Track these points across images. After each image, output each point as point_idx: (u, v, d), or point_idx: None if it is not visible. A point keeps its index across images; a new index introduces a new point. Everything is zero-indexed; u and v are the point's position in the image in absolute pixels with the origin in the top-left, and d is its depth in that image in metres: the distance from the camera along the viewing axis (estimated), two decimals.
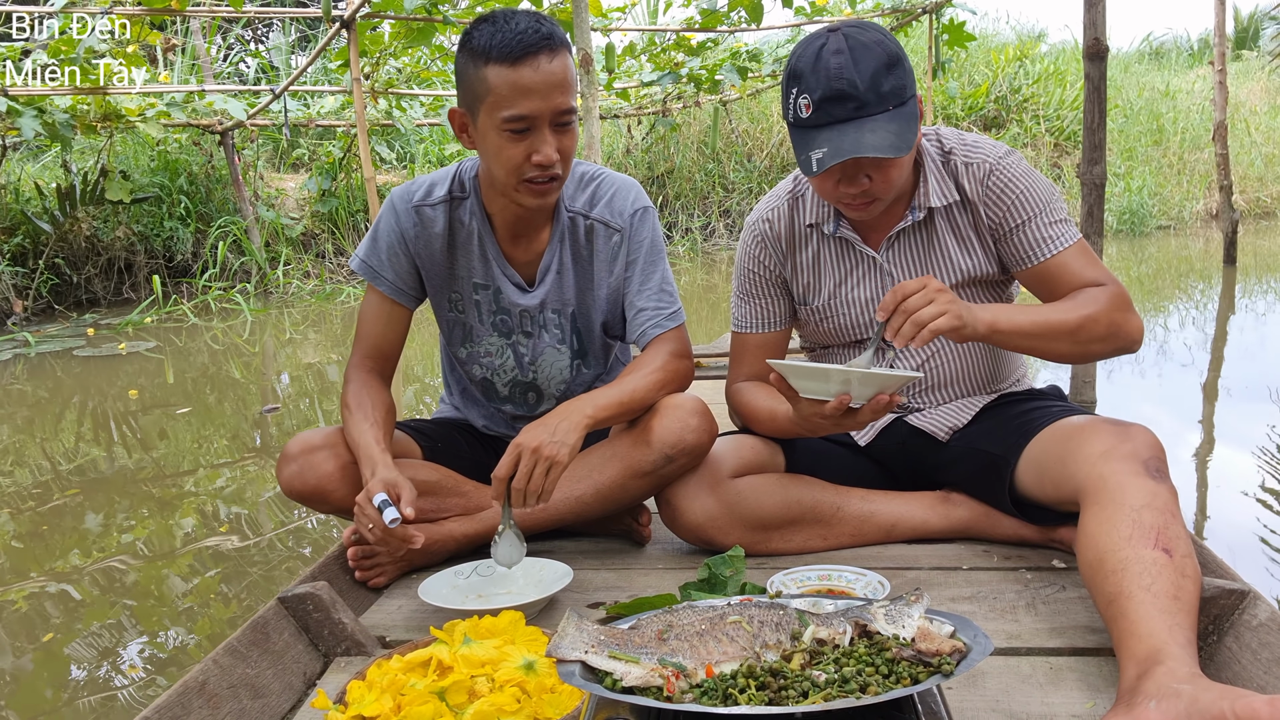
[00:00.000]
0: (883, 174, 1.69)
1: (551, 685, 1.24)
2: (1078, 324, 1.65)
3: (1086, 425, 1.58)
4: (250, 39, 15.29)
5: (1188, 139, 14.09)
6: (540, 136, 1.72)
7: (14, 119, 7.14)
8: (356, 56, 6.35)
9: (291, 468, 1.85)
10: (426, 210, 1.95)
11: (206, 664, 1.38)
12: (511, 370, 2.05)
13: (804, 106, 1.64)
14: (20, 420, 5.04)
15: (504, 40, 1.66)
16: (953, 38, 8.47)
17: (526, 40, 1.66)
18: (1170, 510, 1.37)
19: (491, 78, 1.68)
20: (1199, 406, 4.29)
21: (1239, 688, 1.09)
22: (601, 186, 1.96)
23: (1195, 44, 19.61)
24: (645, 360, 1.88)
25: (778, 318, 2.01)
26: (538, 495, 1.63)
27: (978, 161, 1.81)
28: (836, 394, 1.55)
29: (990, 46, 14.52)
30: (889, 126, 1.62)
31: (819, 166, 1.62)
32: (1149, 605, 1.24)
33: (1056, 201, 1.79)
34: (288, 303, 8.85)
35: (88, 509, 3.53)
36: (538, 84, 1.67)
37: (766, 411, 1.88)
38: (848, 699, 1.03)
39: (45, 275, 8.60)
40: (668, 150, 12.07)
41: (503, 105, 1.69)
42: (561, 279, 1.98)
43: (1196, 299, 7.36)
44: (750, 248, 2.00)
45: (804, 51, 1.66)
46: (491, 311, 2.00)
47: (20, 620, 2.60)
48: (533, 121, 1.70)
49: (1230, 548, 2.64)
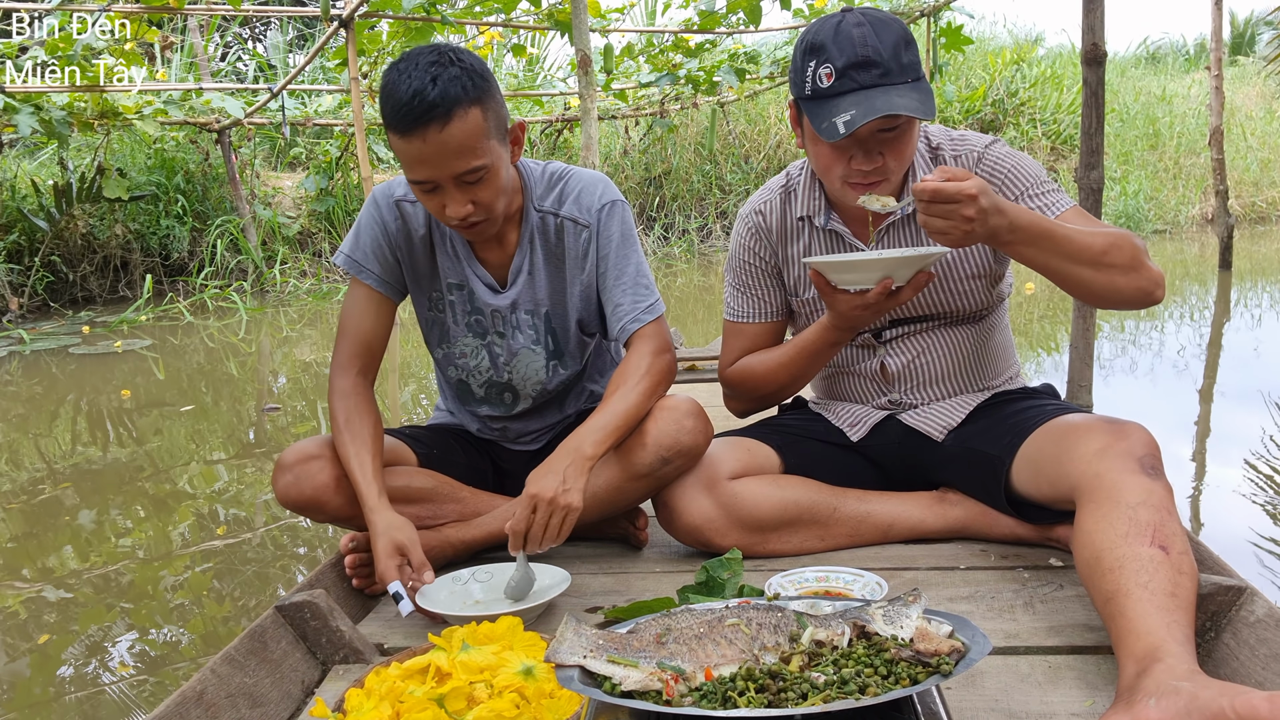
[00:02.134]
0: (896, 152, 1.71)
1: (550, 690, 1.23)
2: (1103, 246, 1.60)
3: (1082, 423, 1.58)
4: (248, 37, 15.27)
5: (1184, 143, 14.12)
6: (447, 194, 1.72)
7: (10, 116, 7.13)
8: (354, 55, 6.36)
9: (287, 478, 1.83)
10: (407, 206, 1.95)
11: (204, 673, 1.38)
12: (487, 371, 2.04)
13: (825, 76, 1.66)
14: (14, 417, 5.03)
15: (393, 109, 1.64)
16: (950, 41, 8.50)
17: (414, 112, 1.62)
18: (1166, 507, 1.37)
19: (391, 141, 1.69)
20: (1195, 410, 4.30)
21: (1238, 684, 1.09)
22: (569, 184, 1.95)
23: (1192, 48, 19.66)
24: (629, 370, 1.85)
25: (772, 309, 2.03)
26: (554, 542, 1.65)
27: (965, 152, 1.85)
28: (879, 280, 1.62)
29: (987, 50, 14.54)
30: (913, 93, 1.65)
31: (847, 128, 1.62)
32: (1147, 603, 1.24)
33: (1045, 176, 1.83)
34: (284, 302, 8.84)
35: (81, 506, 3.52)
36: (429, 155, 1.65)
37: (791, 350, 1.92)
38: (847, 700, 1.04)
39: (41, 273, 8.58)
40: (665, 151, 12.08)
41: (404, 168, 1.71)
42: (533, 279, 1.97)
43: (1192, 304, 7.37)
44: (744, 238, 2.01)
45: (822, 26, 1.68)
46: (466, 312, 2.00)
47: (13, 621, 2.59)
48: (436, 183, 1.70)
49: (1228, 550, 2.64)
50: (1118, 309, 1.72)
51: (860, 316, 1.71)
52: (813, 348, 1.88)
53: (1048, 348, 5.75)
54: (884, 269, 1.62)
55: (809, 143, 1.78)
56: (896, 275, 1.63)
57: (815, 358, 1.90)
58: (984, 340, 1.96)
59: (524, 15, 7.55)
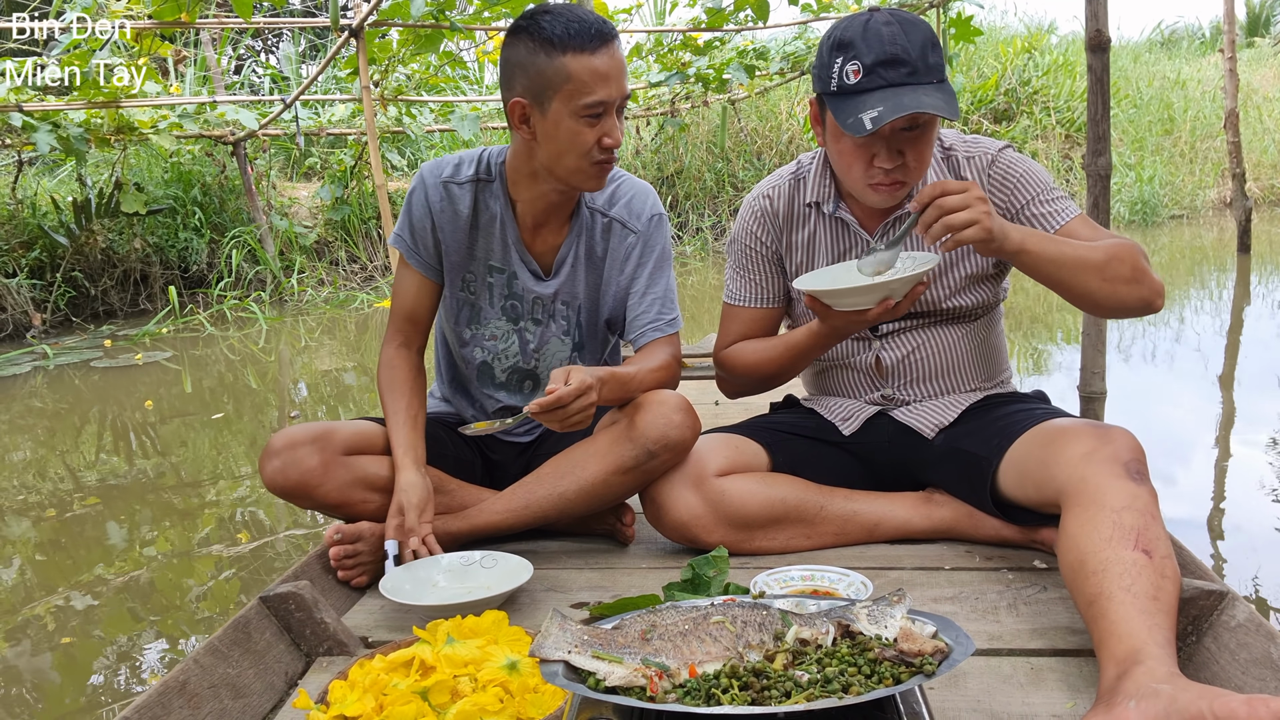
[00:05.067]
0: (918, 152, 1.75)
1: (534, 685, 1.25)
2: (1104, 259, 1.68)
3: (1068, 428, 1.60)
4: (260, 49, 15.38)
5: (1199, 127, 13.99)
6: (611, 121, 1.80)
7: (29, 134, 7.23)
8: (365, 64, 6.39)
9: (274, 463, 1.86)
10: (454, 188, 2.00)
11: (187, 663, 1.38)
12: (514, 356, 2.09)
13: (852, 73, 1.69)
14: (41, 432, 5.11)
15: (580, 30, 1.72)
16: (960, 33, 8.44)
17: (602, 30, 1.74)
18: (1150, 512, 1.39)
19: (571, 66, 1.74)
20: (1215, 396, 4.28)
21: (1217, 688, 1.10)
22: (622, 187, 2.03)
23: (1207, 31, 19.45)
24: (647, 358, 1.95)
25: (771, 294, 2.06)
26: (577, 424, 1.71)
27: (979, 154, 1.89)
28: (878, 300, 1.65)
29: (999, 39, 14.45)
30: (939, 94, 1.68)
31: (874, 124, 1.65)
32: (1129, 606, 1.26)
33: (1053, 184, 1.87)
34: (302, 310, 8.91)
35: (107, 518, 3.59)
36: (613, 70, 1.76)
37: (780, 346, 1.95)
38: (830, 699, 1.05)
39: (62, 288, 8.68)
40: (676, 150, 12.08)
41: (583, 92, 1.75)
42: (575, 272, 2.03)
43: (1211, 288, 7.32)
44: (748, 223, 2.04)
45: (850, 24, 1.72)
46: (503, 296, 2.05)
47: (38, 627, 2.65)
48: (607, 107, 1.78)
49: (1248, 536, 2.64)
50: (1119, 318, 1.75)
51: (854, 328, 1.76)
52: (802, 348, 1.91)
53: (1069, 337, 5.72)
54: (883, 291, 1.65)
55: (831, 140, 1.81)
56: (895, 293, 1.66)
57: (804, 356, 1.94)
58: (979, 341, 1.99)
59: None
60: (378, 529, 1.87)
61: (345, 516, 1.92)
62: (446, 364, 2.21)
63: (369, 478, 1.91)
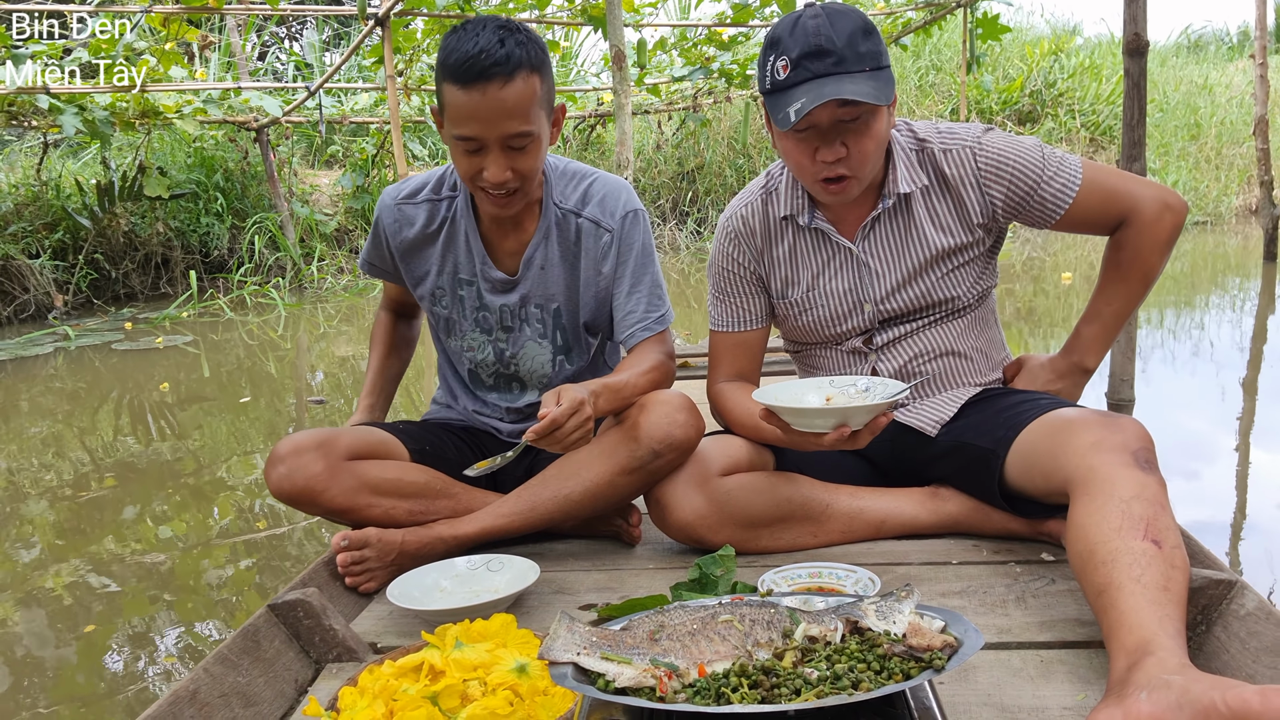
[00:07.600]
0: (859, 143, 1.71)
1: (544, 688, 1.24)
2: (1145, 274, 1.84)
3: (1075, 417, 1.58)
4: (285, 36, 15.44)
5: (1225, 133, 13.85)
6: (490, 156, 1.75)
7: (55, 116, 7.29)
8: (390, 53, 6.41)
9: (280, 469, 1.85)
10: (407, 208, 2.02)
11: (197, 673, 1.38)
12: (493, 364, 2.10)
13: (781, 68, 1.69)
14: (61, 412, 5.16)
15: (459, 59, 1.68)
16: (986, 31, 8.40)
17: (479, 65, 1.66)
18: (1159, 501, 1.37)
19: (446, 93, 1.72)
20: (1239, 404, 4.25)
21: (1229, 678, 1.09)
22: (593, 186, 1.99)
23: (1235, 37, 19.28)
24: (639, 360, 1.93)
25: (755, 316, 2.02)
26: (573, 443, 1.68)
27: (956, 147, 1.84)
28: (834, 426, 1.59)
29: (1025, 40, 14.36)
30: (868, 81, 1.66)
31: (797, 115, 1.65)
32: (1139, 596, 1.24)
33: (1047, 152, 1.83)
34: (321, 298, 8.95)
35: (125, 500, 3.61)
36: (484, 110, 1.69)
37: (751, 424, 1.88)
38: (840, 696, 1.04)
39: (85, 270, 8.76)
40: (698, 146, 12.06)
41: (454, 122, 1.73)
42: (546, 273, 2.01)
43: (1235, 296, 7.26)
44: (724, 246, 2.01)
45: (783, 21, 1.73)
46: (474, 308, 2.05)
47: (57, 607, 2.67)
48: (481, 143, 1.74)
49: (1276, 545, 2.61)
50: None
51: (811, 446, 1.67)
52: (770, 440, 1.85)
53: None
54: (840, 417, 1.58)
55: (778, 140, 1.80)
56: (852, 421, 1.58)
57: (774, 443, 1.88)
58: (975, 336, 1.96)
59: (557, 11, 7.58)
60: (384, 535, 1.86)
61: (351, 522, 1.91)
62: (447, 368, 2.23)
63: (374, 482, 1.90)
